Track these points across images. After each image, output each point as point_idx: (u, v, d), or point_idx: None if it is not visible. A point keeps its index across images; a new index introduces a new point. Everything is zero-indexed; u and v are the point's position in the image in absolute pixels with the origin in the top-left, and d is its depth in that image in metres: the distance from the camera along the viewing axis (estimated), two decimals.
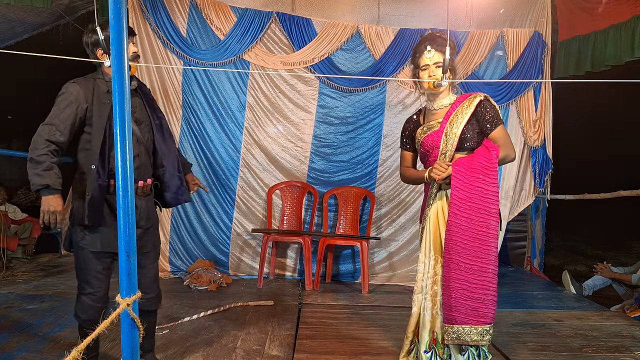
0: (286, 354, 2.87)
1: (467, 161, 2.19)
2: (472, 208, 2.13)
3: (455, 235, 2.16)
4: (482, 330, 2.13)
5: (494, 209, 2.13)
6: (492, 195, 2.13)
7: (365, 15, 4.68)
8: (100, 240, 2.23)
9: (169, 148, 2.46)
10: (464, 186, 2.15)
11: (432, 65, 2.33)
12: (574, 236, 8.53)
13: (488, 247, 2.11)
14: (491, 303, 2.13)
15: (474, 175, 2.14)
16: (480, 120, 2.24)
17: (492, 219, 2.12)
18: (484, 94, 2.29)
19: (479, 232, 2.13)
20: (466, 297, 2.13)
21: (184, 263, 4.61)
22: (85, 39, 2.30)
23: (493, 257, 2.13)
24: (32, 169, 2.11)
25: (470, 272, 2.13)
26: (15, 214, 5.40)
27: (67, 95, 2.20)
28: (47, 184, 2.10)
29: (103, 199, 2.22)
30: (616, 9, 4.16)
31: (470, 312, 2.13)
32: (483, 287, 2.11)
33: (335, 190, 4.72)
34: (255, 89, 4.64)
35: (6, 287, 4.06)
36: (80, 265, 2.29)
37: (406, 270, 4.70)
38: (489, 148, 2.19)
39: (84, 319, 2.25)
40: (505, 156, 2.23)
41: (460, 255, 2.14)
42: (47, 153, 2.12)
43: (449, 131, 2.26)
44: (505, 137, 2.25)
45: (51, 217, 2.13)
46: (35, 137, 2.15)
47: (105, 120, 2.22)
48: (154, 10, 4.42)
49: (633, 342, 3.24)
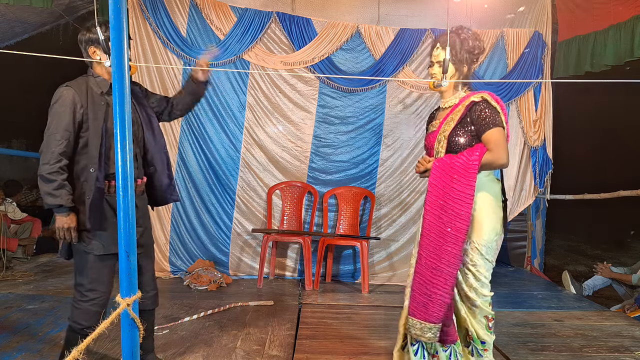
0: (286, 354, 2.87)
1: (448, 159, 2.17)
2: (442, 207, 2.12)
3: (424, 230, 2.18)
4: (424, 327, 2.14)
5: (464, 211, 2.09)
6: (464, 197, 2.08)
7: (365, 15, 4.68)
8: (103, 242, 2.21)
9: (159, 147, 2.45)
10: (439, 183, 2.15)
11: (436, 63, 2.31)
12: (574, 236, 8.53)
13: (449, 247, 2.10)
14: (439, 303, 2.11)
15: (449, 175, 2.13)
16: (475, 122, 2.17)
17: (459, 221, 2.08)
18: (481, 96, 2.19)
19: (443, 231, 2.11)
20: (421, 292, 2.16)
21: (184, 263, 4.61)
22: (80, 37, 2.28)
23: (452, 259, 2.10)
24: (43, 186, 2.10)
25: (429, 269, 2.14)
26: (15, 213, 5.39)
27: (64, 101, 2.16)
28: (61, 204, 2.10)
29: (103, 201, 2.21)
30: (616, 9, 4.16)
31: (421, 307, 2.16)
32: (436, 286, 2.12)
33: (336, 190, 4.72)
34: (255, 89, 4.64)
35: (6, 287, 4.06)
36: (84, 271, 2.23)
37: (406, 270, 4.62)
38: (474, 149, 2.15)
39: (87, 326, 2.16)
40: (493, 160, 2.12)
41: (424, 250, 2.17)
42: (58, 170, 2.10)
43: (442, 132, 2.25)
44: (498, 140, 2.11)
45: (66, 234, 2.15)
46: (44, 150, 2.12)
47: (101, 123, 2.19)
48: (154, 10, 4.42)
49: (633, 342, 3.24)
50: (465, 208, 2.09)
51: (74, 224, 2.15)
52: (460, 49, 2.25)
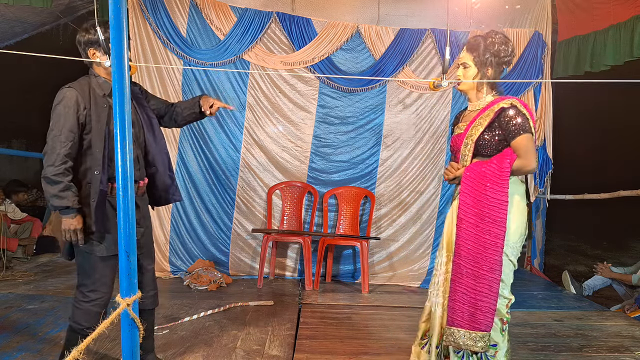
0: (286, 354, 2.87)
1: (479, 167, 2.18)
2: (478, 215, 2.13)
3: (460, 239, 2.17)
4: (475, 336, 2.13)
5: (501, 217, 2.11)
6: (499, 204, 2.11)
7: (365, 15, 4.68)
8: (106, 244, 2.21)
9: (160, 147, 2.44)
10: (472, 192, 2.16)
11: (460, 65, 2.33)
12: (574, 236, 8.53)
13: (490, 254, 2.11)
14: (487, 310, 2.11)
15: (482, 183, 2.14)
16: (504, 128, 2.18)
17: (497, 227, 2.11)
18: (510, 102, 2.19)
19: (482, 238, 2.12)
20: (465, 301, 2.14)
21: (184, 263, 4.60)
22: (79, 38, 2.26)
23: (495, 265, 2.11)
24: (49, 188, 2.08)
25: (471, 278, 2.13)
26: (15, 213, 5.39)
27: (67, 102, 2.14)
28: (67, 206, 2.09)
29: (106, 203, 2.20)
30: (616, 9, 4.16)
31: (466, 317, 2.13)
32: (481, 293, 2.11)
33: (336, 190, 4.72)
34: (255, 89, 4.64)
35: (6, 287, 4.06)
36: (87, 272, 2.24)
37: (406, 270, 4.70)
38: (505, 156, 2.16)
39: (87, 326, 2.15)
40: (522, 166, 2.14)
41: (463, 259, 2.15)
42: (64, 172, 2.09)
43: (469, 136, 2.25)
44: (527, 147, 2.14)
45: (73, 236, 2.14)
46: (49, 151, 2.10)
47: (104, 125, 2.18)
48: (154, 10, 4.41)
49: (633, 342, 3.24)
50: (501, 214, 2.11)
51: (80, 225, 2.14)
52: (484, 51, 2.26)
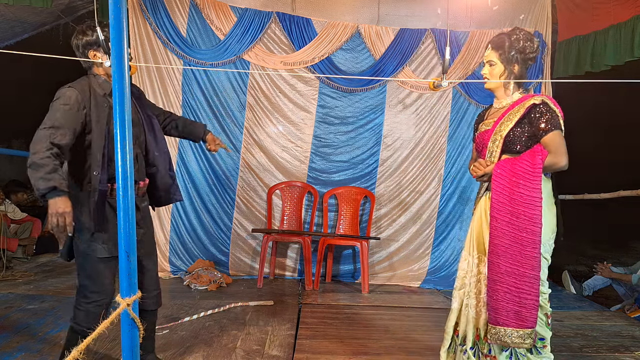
0: (286, 354, 2.87)
1: (510, 164, 2.16)
2: (513, 212, 2.12)
3: (495, 238, 2.16)
4: (524, 334, 2.14)
5: (535, 214, 2.10)
6: (533, 201, 2.10)
7: (365, 15, 4.68)
8: (106, 245, 2.20)
9: (161, 148, 2.43)
10: (504, 190, 2.14)
11: (486, 63, 2.34)
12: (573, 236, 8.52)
13: (529, 252, 2.11)
14: (532, 307, 2.12)
15: (515, 180, 2.13)
16: (534, 124, 2.18)
17: (533, 224, 2.11)
18: (541, 99, 2.20)
19: (519, 236, 2.11)
20: (508, 300, 2.14)
21: (184, 263, 4.61)
22: (76, 42, 2.23)
23: (534, 262, 2.12)
24: (35, 173, 1.96)
25: (512, 276, 2.13)
26: (15, 213, 5.39)
27: (66, 100, 2.12)
28: (54, 186, 1.97)
29: (105, 203, 2.19)
30: (616, 9, 4.16)
31: (512, 315, 2.13)
32: (524, 291, 2.12)
33: (335, 190, 4.72)
34: (255, 89, 4.64)
35: (6, 287, 4.06)
36: (87, 273, 2.22)
37: (406, 270, 4.70)
38: (536, 152, 2.15)
39: (88, 327, 2.10)
40: (554, 163, 2.14)
41: (501, 258, 2.15)
42: (50, 156, 1.99)
43: (498, 132, 2.25)
44: (558, 144, 2.14)
45: (60, 220, 1.97)
46: (35, 141, 2.03)
47: (104, 125, 2.17)
48: (154, 10, 4.41)
49: (633, 342, 3.24)
50: (537, 211, 2.11)
51: (68, 209, 1.99)
52: (510, 48, 2.26)
